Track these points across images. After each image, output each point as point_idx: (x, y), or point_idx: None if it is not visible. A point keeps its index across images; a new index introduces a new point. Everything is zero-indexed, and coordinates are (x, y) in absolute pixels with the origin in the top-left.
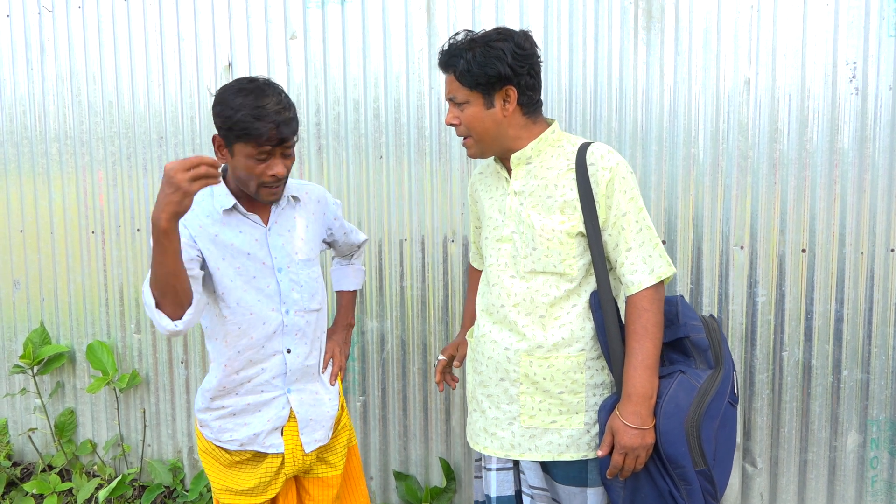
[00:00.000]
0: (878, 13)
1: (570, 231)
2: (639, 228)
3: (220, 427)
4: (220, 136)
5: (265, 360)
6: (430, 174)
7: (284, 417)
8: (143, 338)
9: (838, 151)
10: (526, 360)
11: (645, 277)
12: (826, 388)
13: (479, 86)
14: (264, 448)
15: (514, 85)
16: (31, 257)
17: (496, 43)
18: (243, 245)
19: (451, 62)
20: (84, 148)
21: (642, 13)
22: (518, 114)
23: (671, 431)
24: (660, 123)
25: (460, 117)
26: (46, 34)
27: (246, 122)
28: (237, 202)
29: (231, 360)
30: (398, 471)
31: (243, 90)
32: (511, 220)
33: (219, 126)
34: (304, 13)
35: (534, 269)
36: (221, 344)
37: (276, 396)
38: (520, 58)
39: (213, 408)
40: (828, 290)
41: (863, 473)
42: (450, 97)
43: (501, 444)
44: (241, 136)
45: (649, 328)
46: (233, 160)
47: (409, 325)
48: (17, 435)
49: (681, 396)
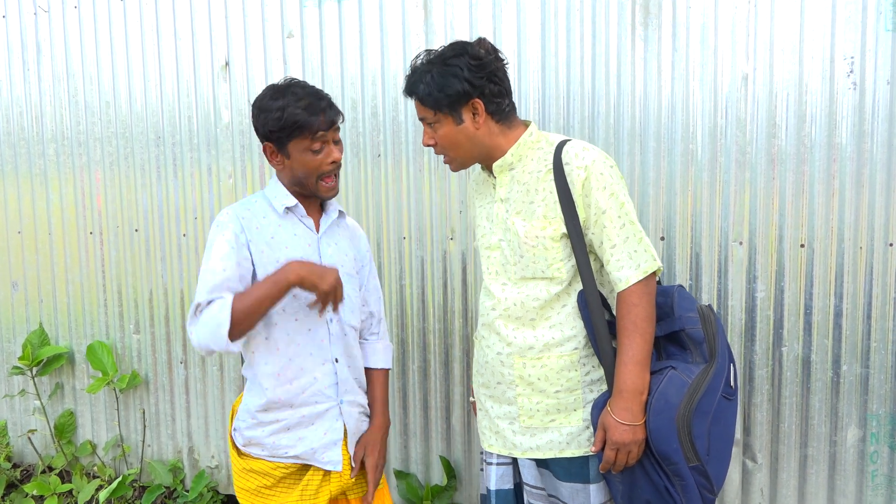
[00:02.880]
0: (875, 8)
1: (554, 235)
2: (621, 224)
3: (275, 443)
4: (271, 142)
5: (316, 368)
6: (429, 172)
7: (339, 430)
8: (143, 338)
9: (836, 146)
10: (519, 361)
11: (631, 273)
12: (826, 383)
13: (443, 107)
14: (322, 464)
15: (477, 97)
16: (29, 258)
17: (451, 60)
18: (297, 248)
19: (413, 87)
20: (81, 148)
21: (640, 9)
22: (490, 123)
23: (661, 428)
24: (658, 120)
25: (434, 137)
26: (42, 35)
27: (296, 116)
28: (298, 203)
29: (284, 368)
30: (399, 469)
31: (277, 92)
32: (498, 228)
33: (268, 132)
34: (301, 12)
35: (524, 276)
36: (272, 353)
37: (330, 408)
38: (476, 69)
39: (266, 422)
40: (827, 285)
41: (863, 468)
42: (421, 118)
43: (504, 442)
44: (295, 132)
45: (639, 323)
46: (289, 161)
47: (408, 324)
48: (16, 436)
49: (671, 393)
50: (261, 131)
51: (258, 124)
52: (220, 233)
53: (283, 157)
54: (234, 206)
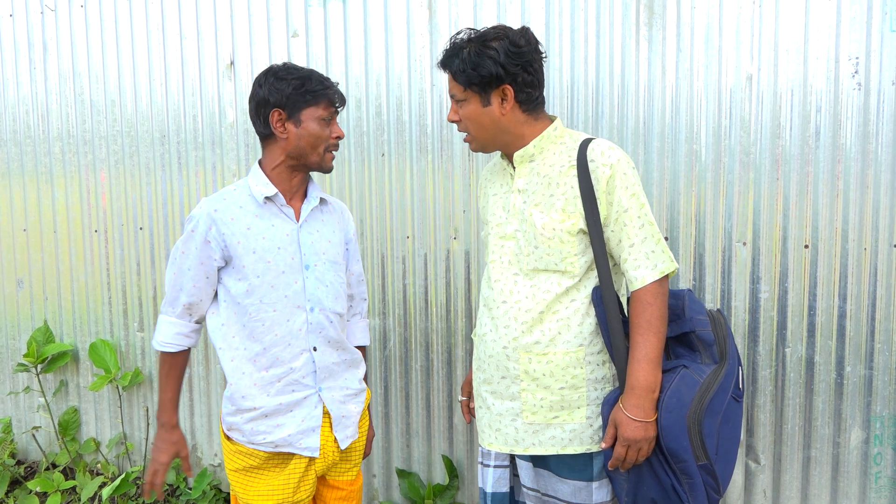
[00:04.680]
0: (880, 8)
1: (571, 229)
2: (641, 224)
3: (253, 430)
4: (283, 109)
5: (293, 358)
6: (433, 171)
7: (318, 417)
8: (146, 336)
9: (841, 147)
10: (525, 356)
11: (648, 273)
12: (829, 385)
13: (473, 85)
14: (299, 450)
15: (509, 83)
16: (34, 256)
17: (491, 42)
18: (275, 239)
19: (448, 62)
20: (87, 147)
21: (644, 9)
22: (517, 111)
23: (673, 426)
24: (662, 120)
25: (460, 114)
26: (49, 34)
27: (316, 85)
28: (278, 192)
29: (259, 356)
30: (401, 468)
31: (290, 66)
32: (514, 218)
33: (283, 98)
34: (306, 11)
35: (536, 268)
36: (247, 340)
37: (308, 395)
38: (514, 56)
39: (244, 409)
40: (831, 286)
41: (866, 470)
42: (451, 94)
43: (506, 439)
44: (312, 100)
45: (653, 322)
46: (298, 129)
47: (411, 323)
48: (20, 433)
49: (683, 391)
50: (271, 98)
51: (268, 91)
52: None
53: (293, 124)
54: (210, 198)
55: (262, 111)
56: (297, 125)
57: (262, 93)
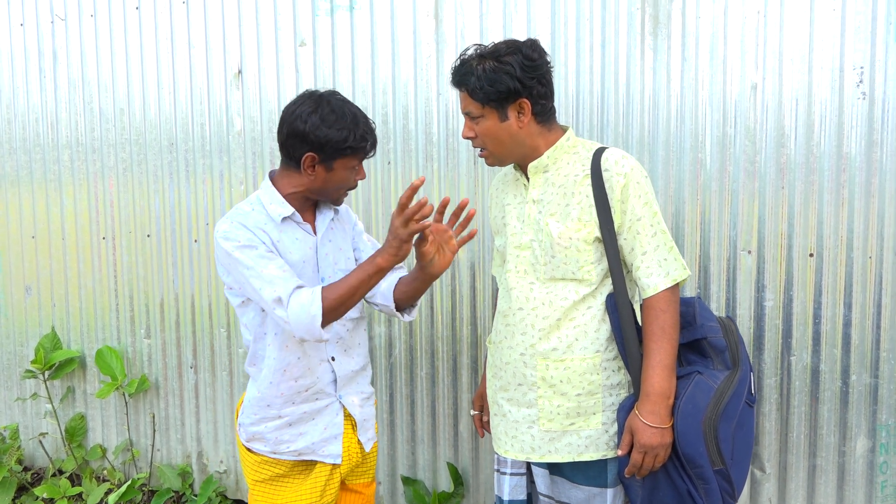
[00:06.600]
0: (884, 18)
1: (587, 238)
2: (653, 232)
3: (277, 438)
4: (317, 155)
5: (315, 368)
6: (438, 180)
7: (339, 424)
8: (153, 342)
9: (846, 156)
10: (542, 363)
11: (661, 280)
12: (834, 393)
13: (491, 101)
14: (322, 457)
15: (526, 97)
16: (42, 263)
17: (505, 57)
18: (299, 252)
19: (463, 80)
20: (95, 155)
21: (649, 19)
22: (533, 123)
23: (689, 431)
24: (667, 128)
25: (476, 130)
26: (59, 42)
27: (357, 140)
28: (295, 211)
29: (291, 365)
30: (406, 475)
31: (335, 109)
32: (530, 228)
33: (322, 144)
34: (314, 21)
35: (553, 276)
36: (282, 350)
37: (330, 403)
38: (529, 69)
39: (269, 418)
40: (836, 295)
41: (872, 478)
42: (465, 112)
43: (522, 446)
44: (350, 153)
45: (666, 329)
46: (327, 174)
47: (416, 330)
48: (28, 439)
49: (698, 397)
50: (310, 139)
51: (308, 130)
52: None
53: (324, 169)
54: (232, 217)
55: (295, 145)
56: (328, 170)
57: (300, 127)
